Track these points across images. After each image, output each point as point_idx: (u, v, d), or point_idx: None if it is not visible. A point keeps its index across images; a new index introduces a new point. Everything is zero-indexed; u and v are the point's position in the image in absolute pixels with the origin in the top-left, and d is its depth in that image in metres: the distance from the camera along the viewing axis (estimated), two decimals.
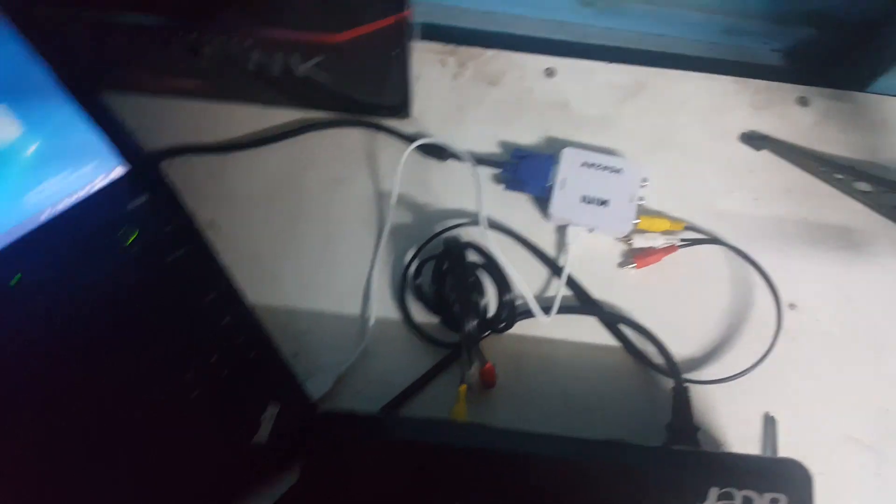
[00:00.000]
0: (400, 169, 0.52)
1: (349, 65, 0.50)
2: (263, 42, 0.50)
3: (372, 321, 0.51)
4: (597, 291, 0.53)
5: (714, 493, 0.39)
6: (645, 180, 0.53)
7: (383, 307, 0.52)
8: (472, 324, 0.46)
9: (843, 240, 0.55)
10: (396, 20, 0.47)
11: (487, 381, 0.49)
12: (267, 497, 0.46)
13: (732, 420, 0.50)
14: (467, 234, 0.53)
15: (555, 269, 0.53)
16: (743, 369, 0.50)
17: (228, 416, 0.47)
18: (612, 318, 0.52)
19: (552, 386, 0.50)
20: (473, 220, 0.53)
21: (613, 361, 0.51)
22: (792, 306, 0.53)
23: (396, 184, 0.52)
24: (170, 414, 0.46)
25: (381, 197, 0.54)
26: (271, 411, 0.46)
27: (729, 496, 0.39)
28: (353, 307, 0.52)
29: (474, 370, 0.48)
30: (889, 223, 0.55)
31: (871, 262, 0.54)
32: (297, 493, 0.41)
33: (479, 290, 0.48)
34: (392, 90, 0.52)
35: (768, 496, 0.39)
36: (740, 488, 0.39)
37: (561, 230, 0.54)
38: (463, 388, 0.44)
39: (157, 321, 0.48)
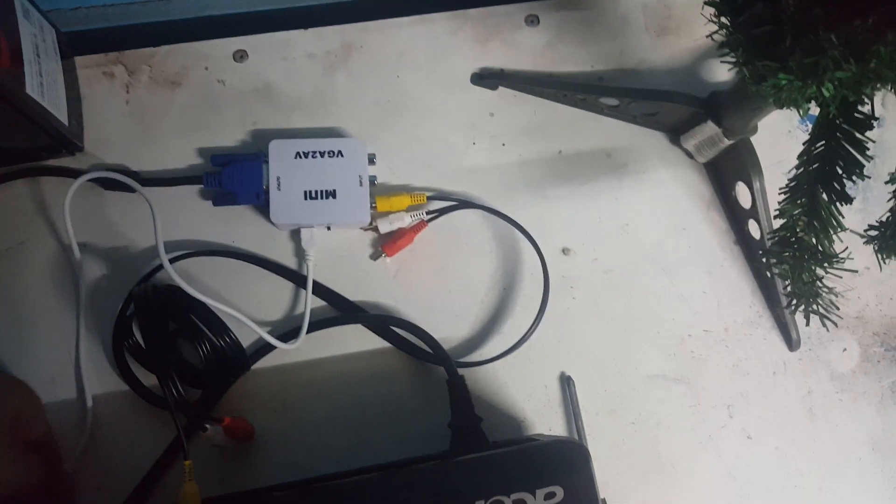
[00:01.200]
0: (67, 215, 0.42)
1: None
2: None
3: (90, 402, 0.42)
4: (354, 293, 0.46)
5: None
6: (373, 156, 0.46)
7: (104, 380, 0.43)
8: (177, 387, 0.37)
9: (605, 164, 0.50)
10: None
11: (240, 436, 0.42)
12: None
13: (529, 394, 0.45)
14: (181, 269, 0.43)
15: (300, 281, 0.45)
16: (521, 336, 0.45)
17: None
18: (372, 321, 0.45)
19: (326, 413, 0.44)
20: (184, 251, 0.45)
21: (388, 365, 0.45)
22: (565, 251, 0.47)
23: (71, 233, 0.43)
24: None
25: (68, 253, 0.44)
26: None
27: None
28: (68, 391, 0.42)
29: (213, 432, 0.40)
30: (648, 132, 0.50)
31: (639, 178, 0.49)
32: None
33: (194, 336, 0.40)
34: (41, 126, 0.42)
35: (542, 492, 0.33)
36: (510, 492, 0.33)
37: (295, 235, 0.46)
38: (188, 464, 0.37)
39: None
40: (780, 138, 0.51)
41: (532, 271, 0.46)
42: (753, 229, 0.47)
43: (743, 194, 0.47)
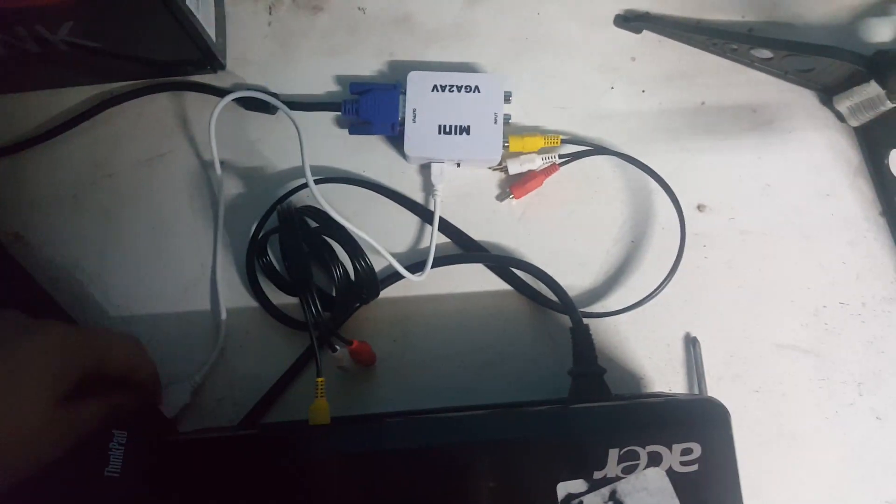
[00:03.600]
0: (212, 132, 0.42)
1: (110, 19, 0.39)
2: None
3: (224, 315, 0.43)
4: (478, 232, 0.45)
5: (614, 454, 0.32)
6: (509, 94, 0.44)
7: (235, 296, 0.43)
8: (317, 305, 0.38)
9: (750, 119, 0.47)
10: None
11: (363, 360, 0.42)
12: None
13: (651, 351, 0.44)
14: (314, 194, 0.43)
15: (426, 215, 0.45)
16: (650, 291, 0.43)
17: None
18: (497, 261, 0.44)
19: (444, 348, 0.43)
20: (320, 177, 0.44)
21: (508, 308, 0.44)
22: (701, 208, 0.45)
23: (214, 151, 0.43)
24: None
25: (207, 169, 0.45)
26: (118, 439, 0.39)
27: (633, 455, 0.32)
28: (199, 303, 0.43)
29: (340, 354, 0.40)
30: (798, 89, 0.47)
31: (785, 138, 0.46)
32: None
33: (328, 259, 0.40)
34: (192, 39, 0.42)
35: (679, 448, 0.32)
36: (645, 444, 0.32)
37: (424, 170, 0.45)
38: (320, 381, 0.37)
39: None
40: None
41: (664, 225, 0.44)
42: None
43: None
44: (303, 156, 0.41)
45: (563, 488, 0.32)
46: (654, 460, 0.32)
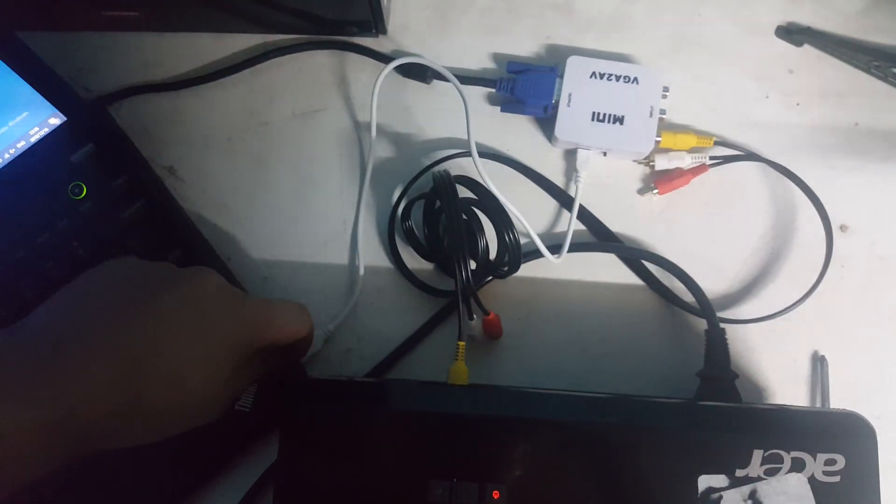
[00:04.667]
0: (375, 95, 0.44)
1: None
2: None
3: (362, 271, 0.45)
4: (614, 224, 0.46)
5: (758, 455, 0.33)
6: (666, 90, 0.45)
7: (371, 254, 0.45)
8: (468, 270, 0.39)
9: None
10: None
11: (492, 333, 0.43)
12: (253, 467, 0.42)
13: (776, 364, 0.44)
14: (459, 166, 0.46)
15: (565, 200, 0.46)
16: (788, 304, 0.43)
17: None
18: (633, 254, 0.45)
19: (567, 333, 0.45)
20: (466, 149, 0.45)
21: (636, 302, 0.45)
22: (843, 228, 0.45)
23: (373, 113, 0.45)
24: None
25: (359, 129, 0.47)
26: None
27: (776, 459, 0.33)
28: (338, 256, 0.46)
29: (475, 322, 0.42)
30: None
31: None
32: (280, 465, 0.36)
33: (475, 230, 0.41)
34: (360, 1, 0.44)
35: (823, 457, 0.33)
36: (789, 449, 0.33)
37: (570, 155, 0.46)
38: (461, 344, 0.38)
39: None
40: None
41: (805, 241, 0.45)
42: None
43: None
44: (468, 126, 0.43)
45: (705, 481, 0.33)
46: (798, 466, 0.33)
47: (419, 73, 0.46)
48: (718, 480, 0.33)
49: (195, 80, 0.47)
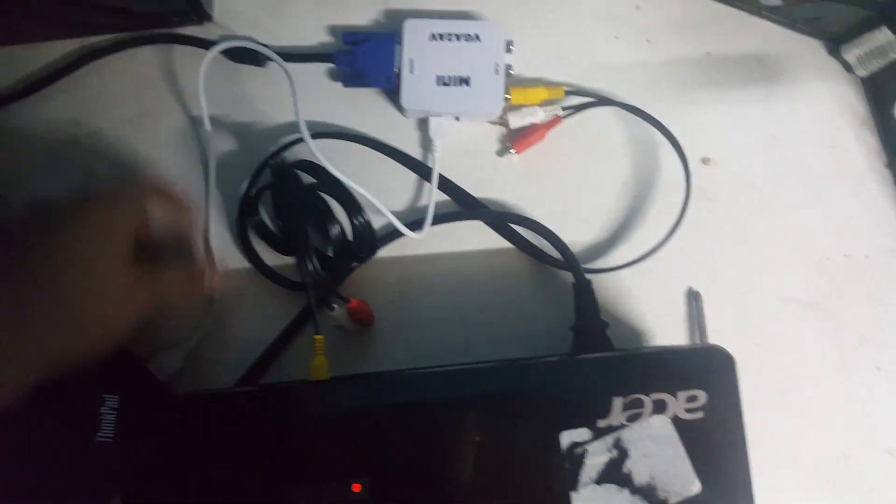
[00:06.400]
0: (201, 86, 0.43)
1: None
2: None
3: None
4: (477, 190, 0.46)
5: (619, 403, 0.34)
6: (510, 44, 0.45)
7: (228, 257, 0.44)
8: (314, 261, 0.39)
9: (757, 71, 0.48)
10: None
11: (362, 320, 0.43)
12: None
13: (654, 306, 0.45)
14: (309, 150, 0.44)
15: (424, 172, 0.45)
16: (653, 245, 0.44)
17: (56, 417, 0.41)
18: (497, 218, 0.45)
19: (442, 308, 0.44)
20: (313, 132, 0.44)
21: (508, 266, 0.45)
22: (705, 161, 0.46)
23: (203, 106, 0.43)
24: None
25: (196, 125, 0.45)
26: (109, 403, 0.40)
27: (637, 404, 0.34)
28: None
29: (338, 313, 0.41)
30: (806, 39, 0.48)
31: (791, 89, 0.48)
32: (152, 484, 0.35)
33: (325, 216, 0.41)
34: None
35: (684, 395, 0.34)
36: (649, 392, 0.34)
37: (422, 124, 0.46)
38: (318, 338, 0.38)
39: None
40: None
41: (668, 179, 0.46)
42: None
43: None
44: (296, 108, 0.42)
45: (567, 437, 0.34)
46: (659, 408, 0.34)
47: (251, 56, 0.45)
48: (581, 434, 0.33)
49: (11, 96, 0.45)
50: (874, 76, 0.47)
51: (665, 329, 0.45)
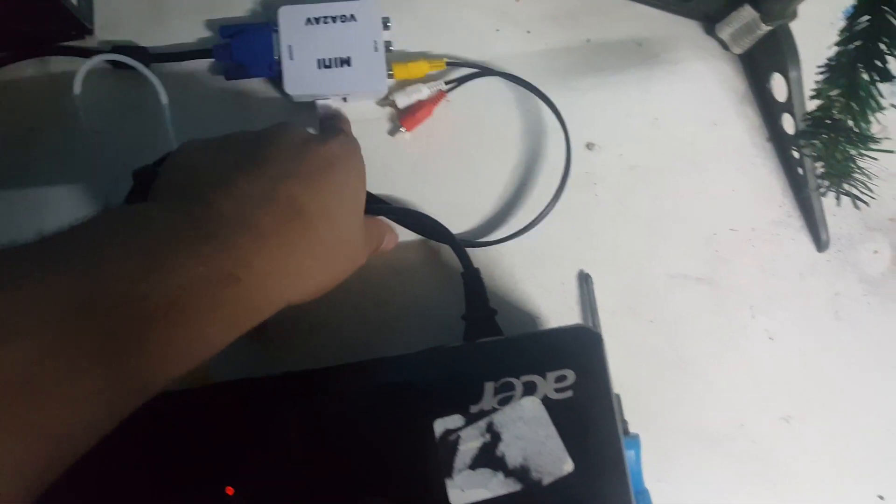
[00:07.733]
0: (79, 97, 0.43)
1: None
2: None
3: None
4: (370, 171, 0.43)
5: (490, 387, 0.35)
6: (387, 21, 0.45)
7: None
8: None
9: (636, 54, 0.49)
10: None
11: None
12: None
13: (546, 290, 0.46)
14: None
15: None
16: (533, 218, 0.45)
17: None
18: (376, 213, 0.44)
19: (343, 307, 0.44)
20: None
21: (409, 257, 0.46)
22: (590, 146, 0.48)
23: (82, 117, 0.43)
24: None
25: (82, 141, 0.45)
26: None
27: (508, 387, 0.35)
28: None
29: None
30: (683, 20, 0.49)
31: (671, 70, 0.49)
32: None
33: None
34: (50, 3, 0.42)
35: (553, 375, 0.35)
36: (519, 375, 0.35)
37: (312, 109, 0.46)
38: None
39: None
40: (822, 30, 0.49)
41: (557, 153, 0.46)
42: (787, 125, 0.47)
43: (778, 87, 0.46)
44: (164, 106, 0.42)
45: (441, 424, 0.34)
46: (530, 389, 0.35)
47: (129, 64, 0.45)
48: (454, 421, 0.34)
49: None
50: (749, 53, 0.48)
51: (559, 313, 0.46)
